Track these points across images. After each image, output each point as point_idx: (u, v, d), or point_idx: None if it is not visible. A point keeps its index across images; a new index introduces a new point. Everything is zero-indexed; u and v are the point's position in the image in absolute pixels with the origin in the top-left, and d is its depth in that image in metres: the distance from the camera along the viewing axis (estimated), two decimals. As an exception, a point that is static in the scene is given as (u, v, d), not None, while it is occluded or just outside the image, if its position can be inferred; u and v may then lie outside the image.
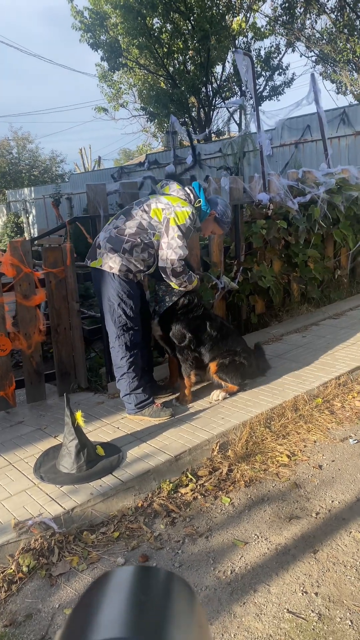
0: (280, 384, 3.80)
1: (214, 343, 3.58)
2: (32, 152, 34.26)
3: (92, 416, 3.54)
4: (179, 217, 3.19)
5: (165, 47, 15.94)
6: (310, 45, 14.72)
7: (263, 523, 2.50)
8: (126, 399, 3.41)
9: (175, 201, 3.27)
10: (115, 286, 3.26)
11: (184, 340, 3.49)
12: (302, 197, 5.24)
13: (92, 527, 2.51)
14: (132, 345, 3.35)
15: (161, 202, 3.27)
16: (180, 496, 2.73)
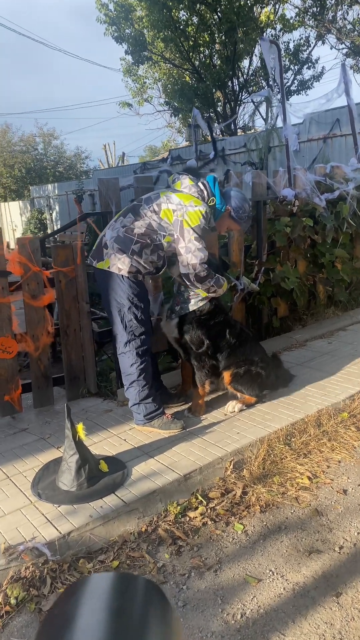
0: (302, 396, 3.51)
1: (232, 351, 3.32)
2: (57, 148, 34.33)
3: (98, 425, 3.31)
4: (192, 219, 2.94)
5: (191, 40, 15.63)
6: (341, 37, 14.22)
7: (279, 556, 2.23)
8: (135, 409, 3.17)
9: (187, 200, 3.00)
10: (125, 289, 3.03)
11: (202, 347, 3.24)
12: (330, 194, 4.92)
13: (90, 554, 2.28)
14: (143, 352, 3.11)
15: (172, 201, 3.00)
16: (189, 521, 2.48)
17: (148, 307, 3.16)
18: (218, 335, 3.28)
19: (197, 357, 3.26)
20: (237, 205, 3.19)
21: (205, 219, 2.98)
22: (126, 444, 3.05)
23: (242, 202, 3.22)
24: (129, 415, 3.44)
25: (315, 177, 4.99)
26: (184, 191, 3.09)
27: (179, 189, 3.11)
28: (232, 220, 3.23)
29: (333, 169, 5.23)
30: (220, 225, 3.27)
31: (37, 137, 34.06)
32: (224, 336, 3.29)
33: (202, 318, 3.21)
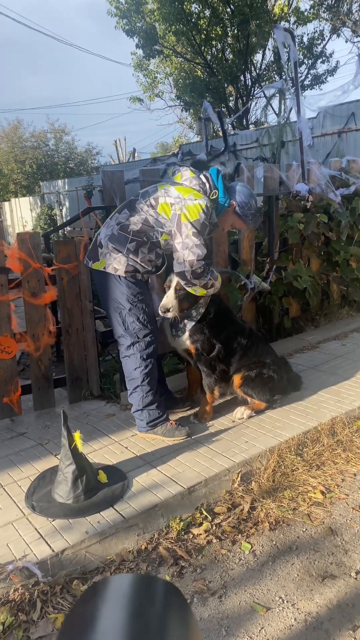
0: (315, 402, 3.31)
1: (242, 353, 3.13)
2: (68, 144, 34.22)
3: (99, 431, 3.15)
4: (191, 213, 2.71)
5: (203, 33, 15.38)
6: (357, 29, 13.89)
7: (290, 581, 2.05)
8: (138, 415, 3.00)
9: (186, 193, 2.77)
10: (124, 290, 2.85)
11: (213, 351, 3.06)
12: (346, 189, 4.70)
13: (85, 574, 2.11)
14: (148, 355, 2.94)
15: (170, 194, 2.79)
16: (192, 538, 2.30)
17: (151, 306, 2.98)
18: (227, 338, 3.10)
19: (207, 363, 3.07)
20: (242, 201, 2.94)
21: (206, 214, 2.75)
22: (127, 452, 2.88)
23: (248, 198, 2.96)
24: (131, 420, 3.27)
25: (330, 172, 4.77)
26: (184, 184, 2.87)
27: (179, 182, 2.90)
28: (236, 216, 2.98)
29: (349, 163, 5.01)
30: (224, 221, 3.03)
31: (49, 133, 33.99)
32: (234, 339, 3.11)
33: (210, 321, 3.03)
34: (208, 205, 2.76)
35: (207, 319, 3.01)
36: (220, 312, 3.08)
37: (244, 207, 2.94)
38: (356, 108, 8.52)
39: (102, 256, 2.88)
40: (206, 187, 2.86)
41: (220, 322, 3.07)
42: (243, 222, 3.01)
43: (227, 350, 3.11)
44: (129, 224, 2.82)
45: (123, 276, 2.84)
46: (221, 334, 3.07)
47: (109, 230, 2.89)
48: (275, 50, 16.18)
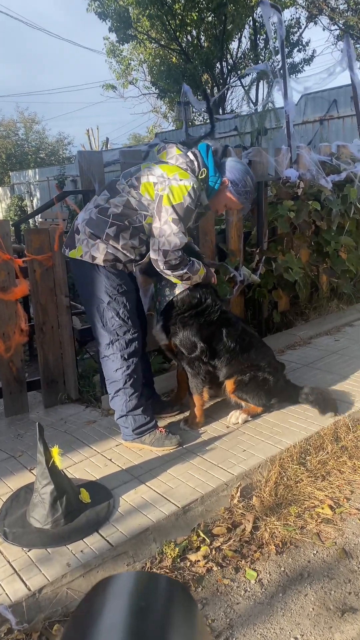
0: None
1: (233, 355, 2.84)
2: (39, 134, 33.40)
3: (79, 441, 2.83)
4: (175, 194, 2.42)
5: (178, 18, 14.96)
6: (335, 16, 13.69)
7: (305, 617, 1.78)
8: (122, 422, 2.70)
9: (172, 172, 2.48)
10: (102, 281, 2.54)
11: (195, 351, 2.76)
12: (337, 175, 4.45)
13: (66, 616, 1.81)
14: (130, 354, 2.63)
15: (154, 173, 2.50)
16: (190, 566, 2.02)
17: (134, 300, 2.68)
18: (213, 336, 2.80)
19: (190, 363, 2.78)
20: (235, 178, 2.63)
21: (192, 197, 2.46)
22: (112, 465, 2.57)
23: (242, 174, 2.65)
24: (115, 427, 2.96)
25: (320, 157, 4.52)
26: (170, 162, 2.56)
27: (164, 160, 2.59)
28: (230, 195, 2.67)
29: (339, 148, 4.77)
30: (216, 202, 2.72)
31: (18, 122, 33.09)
32: (221, 337, 2.81)
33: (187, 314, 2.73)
34: (195, 186, 2.47)
35: (191, 309, 2.72)
36: (207, 304, 2.77)
37: (237, 185, 2.63)
38: (338, 95, 8.31)
39: (79, 243, 2.56)
40: (194, 165, 2.55)
41: (207, 316, 2.77)
42: (239, 201, 2.70)
43: (216, 351, 2.81)
44: (109, 207, 2.51)
45: (102, 265, 2.52)
46: (208, 329, 2.77)
47: (87, 214, 2.57)
48: (252, 38, 15.92)
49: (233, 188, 2.64)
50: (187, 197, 2.43)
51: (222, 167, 2.64)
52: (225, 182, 2.62)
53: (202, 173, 2.55)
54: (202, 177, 2.55)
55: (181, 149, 2.60)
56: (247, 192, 2.69)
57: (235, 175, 2.63)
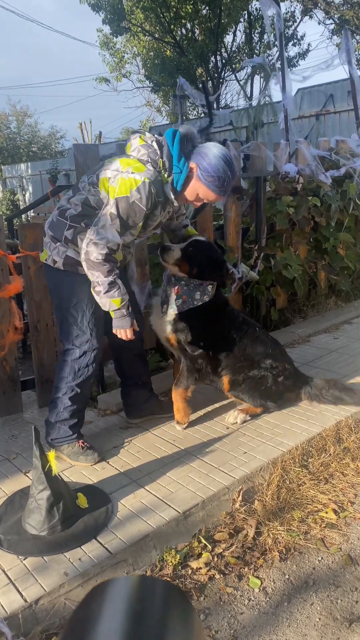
0: (314, 404, 3.00)
1: (235, 352, 2.78)
2: (31, 127, 33.10)
3: (75, 442, 2.75)
4: (121, 187, 2.16)
5: (172, 11, 14.79)
6: (330, 9, 13.58)
7: (311, 628, 1.73)
8: (47, 425, 2.60)
9: (127, 165, 2.22)
10: (65, 285, 2.41)
11: (199, 349, 2.69)
12: (336, 171, 4.39)
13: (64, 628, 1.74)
14: (81, 367, 2.48)
15: (111, 167, 2.27)
16: (191, 574, 1.95)
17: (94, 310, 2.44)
18: (221, 332, 2.74)
19: (192, 360, 2.71)
20: (205, 162, 2.24)
21: (142, 192, 2.17)
22: (109, 468, 2.50)
23: (215, 159, 2.24)
24: (111, 428, 2.90)
25: (319, 152, 4.45)
26: (132, 155, 2.29)
27: (128, 153, 2.34)
28: (200, 184, 2.28)
29: (338, 143, 4.71)
30: (188, 193, 2.34)
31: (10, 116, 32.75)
32: (227, 333, 2.75)
33: (201, 314, 2.66)
34: (148, 181, 2.17)
35: (203, 308, 2.65)
36: (215, 305, 2.71)
37: (207, 170, 2.24)
38: (335, 90, 8.23)
39: (44, 246, 2.46)
40: (157, 156, 2.25)
41: (215, 312, 2.71)
42: (210, 190, 2.30)
43: (219, 348, 2.75)
44: (69, 207, 2.36)
45: (62, 269, 2.39)
46: (214, 327, 2.71)
47: (52, 215, 2.45)
48: (247, 31, 15.79)
49: (202, 174, 2.26)
50: (135, 192, 2.16)
51: (191, 152, 2.29)
52: (193, 169, 2.27)
53: (164, 163, 2.25)
54: (163, 168, 2.25)
55: (146, 138, 2.31)
56: (220, 180, 2.27)
57: (205, 159, 2.25)
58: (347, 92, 7.85)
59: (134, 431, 2.83)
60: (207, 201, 2.43)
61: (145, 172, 2.20)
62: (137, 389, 2.85)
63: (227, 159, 2.29)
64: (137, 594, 0.57)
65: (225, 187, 2.31)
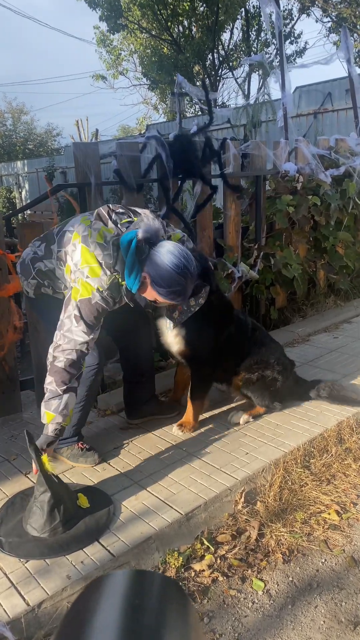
0: (316, 404, 3.00)
1: (245, 354, 2.76)
2: (27, 125, 32.96)
3: (76, 443, 2.73)
4: (82, 290, 2.13)
5: (169, 8, 14.74)
6: (327, 7, 13.55)
7: (316, 631, 1.72)
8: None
9: (85, 263, 2.13)
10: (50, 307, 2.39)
11: (210, 356, 2.68)
12: (336, 170, 4.38)
13: (68, 632, 1.72)
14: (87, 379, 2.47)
15: (74, 257, 2.19)
16: (194, 576, 1.94)
17: None
18: (228, 337, 2.72)
19: (199, 366, 2.69)
20: (157, 275, 2.09)
21: (102, 297, 2.14)
22: (110, 469, 2.48)
23: (167, 272, 2.08)
24: (112, 428, 2.88)
25: (319, 151, 4.44)
26: (90, 246, 2.15)
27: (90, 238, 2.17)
28: (155, 293, 2.16)
29: (337, 142, 4.69)
30: (145, 296, 2.26)
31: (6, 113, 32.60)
32: (234, 337, 2.73)
33: (211, 322, 2.64)
34: (103, 289, 2.13)
35: (204, 316, 2.62)
36: (220, 308, 2.69)
37: (159, 284, 2.11)
38: (332, 88, 8.22)
39: None
40: (110, 261, 2.14)
41: (219, 320, 2.69)
42: (167, 299, 2.19)
43: (228, 353, 2.74)
44: (40, 261, 2.32)
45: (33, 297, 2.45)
46: (222, 333, 2.69)
47: (27, 250, 2.42)
48: (244, 29, 15.75)
49: (155, 287, 2.13)
50: (97, 294, 2.13)
51: (149, 257, 2.10)
52: (146, 277, 2.13)
53: (117, 272, 2.15)
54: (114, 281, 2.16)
55: (105, 235, 2.17)
56: (175, 292, 2.13)
57: (157, 271, 2.09)
58: (345, 90, 7.84)
59: (135, 432, 2.82)
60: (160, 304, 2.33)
61: (98, 279, 2.12)
62: (139, 386, 2.83)
63: (180, 267, 2.09)
64: (134, 587, 0.57)
65: (183, 294, 2.18)
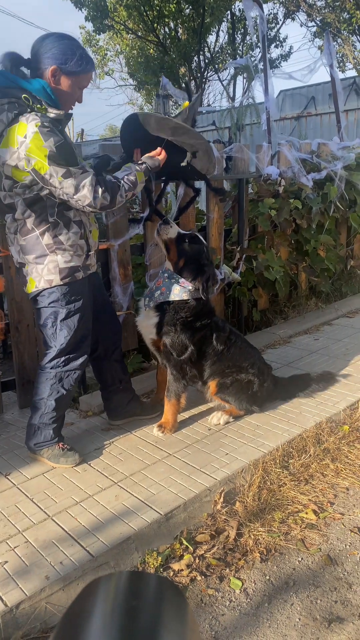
0: (295, 405, 3.04)
1: (220, 357, 2.78)
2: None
3: (57, 444, 2.74)
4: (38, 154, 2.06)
5: (155, 9, 14.76)
6: (312, 12, 13.69)
7: (292, 628, 1.75)
8: (29, 429, 2.56)
9: (12, 139, 2.10)
10: (59, 298, 2.34)
11: (184, 353, 2.69)
12: (317, 174, 4.43)
13: (46, 632, 1.73)
14: (70, 371, 2.47)
15: (5, 157, 2.14)
16: (173, 576, 1.96)
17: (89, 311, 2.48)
18: (204, 339, 2.74)
19: (176, 365, 2.71)
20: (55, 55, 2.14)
21: (48, 128, 2.07)
22: (91, 470, 2.49)
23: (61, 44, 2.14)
24: (93, 429, 2.89)
25: (301, 155, 4.49)
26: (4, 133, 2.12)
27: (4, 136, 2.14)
28: (72, 77, 2.18)
29: (320, 146, 4.75)
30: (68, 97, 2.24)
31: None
32: (211, 341, 2.76)
33: (189, 320, 2.66)
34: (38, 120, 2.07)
35: (190, 314, 2.65)
36: (202, 311, 2.71)
37: (66, 61, 2.15)
38: (316, 92, 8.31)
39: (28, 276, 2.34)
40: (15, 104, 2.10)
41: (202, 320, 2.71)
42: (81, 74, 2.21)
43: (204, 353, 2.76)
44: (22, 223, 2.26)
45: (60, 284, 2.32)
46: (199, 333, 2.71)
47: (15, 246, 2.35)
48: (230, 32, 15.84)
49: (66, 68, 2.16)
50: (46, 143, 2.06)
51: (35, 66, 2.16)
52: (55, 70, 2.15)
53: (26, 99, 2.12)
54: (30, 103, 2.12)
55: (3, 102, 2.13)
56: (81, 57, 2.18)
57: (53, 54, 2.14)
58: (328, 94, 7.94)
59: (116, 433, 2.83)
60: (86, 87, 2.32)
61: (29, 124, 2.07)
62: (119, 393, 2.84)
63: (64, 37, 2.20)
64: (131, 588, 0.57)
65: (89, 57, 2.24)
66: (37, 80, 2.16)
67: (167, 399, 2.77)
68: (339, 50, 13.41)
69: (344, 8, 12.84)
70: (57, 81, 2.20)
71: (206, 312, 2.74)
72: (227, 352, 2.78)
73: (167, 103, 7.41)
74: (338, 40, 13.28)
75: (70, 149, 2.18)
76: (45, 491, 2.33)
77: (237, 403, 2.82)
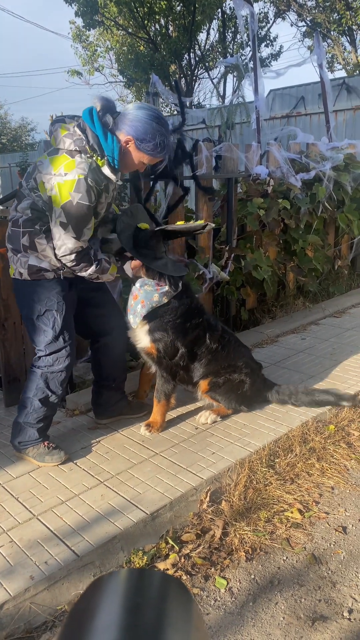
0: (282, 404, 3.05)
1: (213, 357, 2.77)
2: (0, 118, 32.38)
3: (43, 443, 2.72)
4: (61, 193, 2.15)
5: (146, 6, 14.71)
6: (303, 12, 13.73)
7: (276, 627, 1.76)
8: (15, 427, 2.55)
9: (57, 165, 2.17)
10: (31, 295, 2.38)
11: (176, 356, 2.69)
12: (306, 174, 4.45)
13: (30, 632, 1.73)
14: (55, 373, 2.47)
15: (44, 170, 2.22)
16: (158, 575, 1.96)
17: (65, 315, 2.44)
18: (196, 340, 2.74)
19: (168, 368, 2.70)
20: (141, 132, 2.21)
21: (83, 189, 2.15)
22: (77, 469, 2.48)
23: (148, 126, 2.21)
24: (80, 428, 2.88)
25: (290, 155, 4.51)
26: (60, 150, 2.21)
27: (54, 146, 2.25)
28: (138, 151, 2.27)
29: (309, 146, 4.77)
30: (127, 164, 2.32)
31: (-22, 105, 32.00)
32: (204, 341, 2.75)
33: (178, 322, 2.65)
34: (83, 177, 2.14)
35: (174, 315, 2.63)
36: (191, 309, 2.71)
37: (144, 140, 2.23)
38: (306, 92, 8.34)
39: (10, 261, 2.42)
40: (83, 142, 2.19)
41: (192, 320, 2.70)
42: (149, 155, 2.29)
43: (195, 355, 2.75)
44: (20, 216, 2.32)
45: (29, 280, 2.35)
46: (191, 334, 2.70)
47: (8, 228, 2.40)
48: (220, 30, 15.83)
49: (141, 145, 2.25)
50: (75, 193, 2.13)
51: (118, 123, 2.23)
52: (129, 142, 2.24)
53: (93, 147, 2.19)
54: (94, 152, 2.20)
55: (67, 127, 2.23)
56: (158, 145, 2.25)
57: (136, 128, 2.21)
58: (318, 94, 7.97)
59: (103, 432, 2.82)
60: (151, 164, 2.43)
61: (76, 169, 2.14)
62: (109, 391, 2.83)
63: (157, 118, 2.25)
64: (136, 586, 0.58)
65: (167, 145, 2.32)
66: (113, 138, 2.21)
67: (157, 400, 2.76)
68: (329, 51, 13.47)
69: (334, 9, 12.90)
70: (127, 148, 2.28)
71: (195, 310, 2.72)
72: (222, 350, 2.78)
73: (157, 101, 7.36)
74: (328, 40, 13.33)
75: (89, 216, 2.23)
76: (31, 490, 2.32)
77: (227, 402, 2.82)
